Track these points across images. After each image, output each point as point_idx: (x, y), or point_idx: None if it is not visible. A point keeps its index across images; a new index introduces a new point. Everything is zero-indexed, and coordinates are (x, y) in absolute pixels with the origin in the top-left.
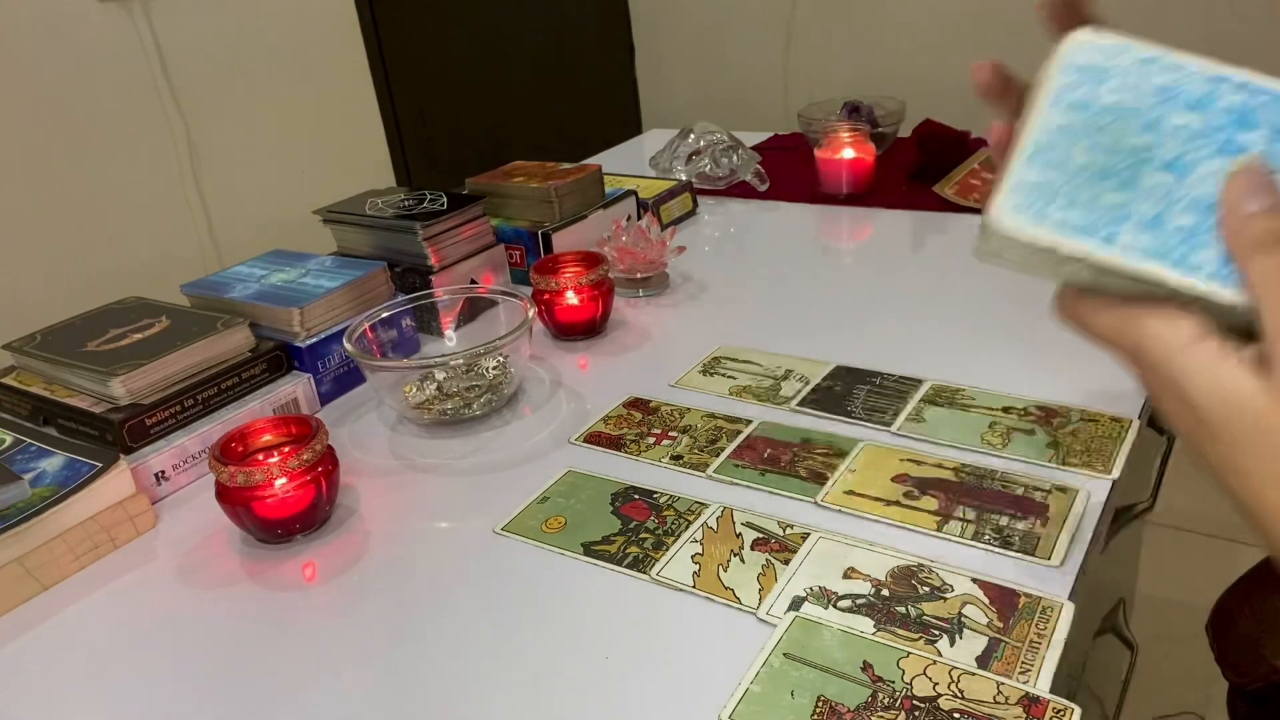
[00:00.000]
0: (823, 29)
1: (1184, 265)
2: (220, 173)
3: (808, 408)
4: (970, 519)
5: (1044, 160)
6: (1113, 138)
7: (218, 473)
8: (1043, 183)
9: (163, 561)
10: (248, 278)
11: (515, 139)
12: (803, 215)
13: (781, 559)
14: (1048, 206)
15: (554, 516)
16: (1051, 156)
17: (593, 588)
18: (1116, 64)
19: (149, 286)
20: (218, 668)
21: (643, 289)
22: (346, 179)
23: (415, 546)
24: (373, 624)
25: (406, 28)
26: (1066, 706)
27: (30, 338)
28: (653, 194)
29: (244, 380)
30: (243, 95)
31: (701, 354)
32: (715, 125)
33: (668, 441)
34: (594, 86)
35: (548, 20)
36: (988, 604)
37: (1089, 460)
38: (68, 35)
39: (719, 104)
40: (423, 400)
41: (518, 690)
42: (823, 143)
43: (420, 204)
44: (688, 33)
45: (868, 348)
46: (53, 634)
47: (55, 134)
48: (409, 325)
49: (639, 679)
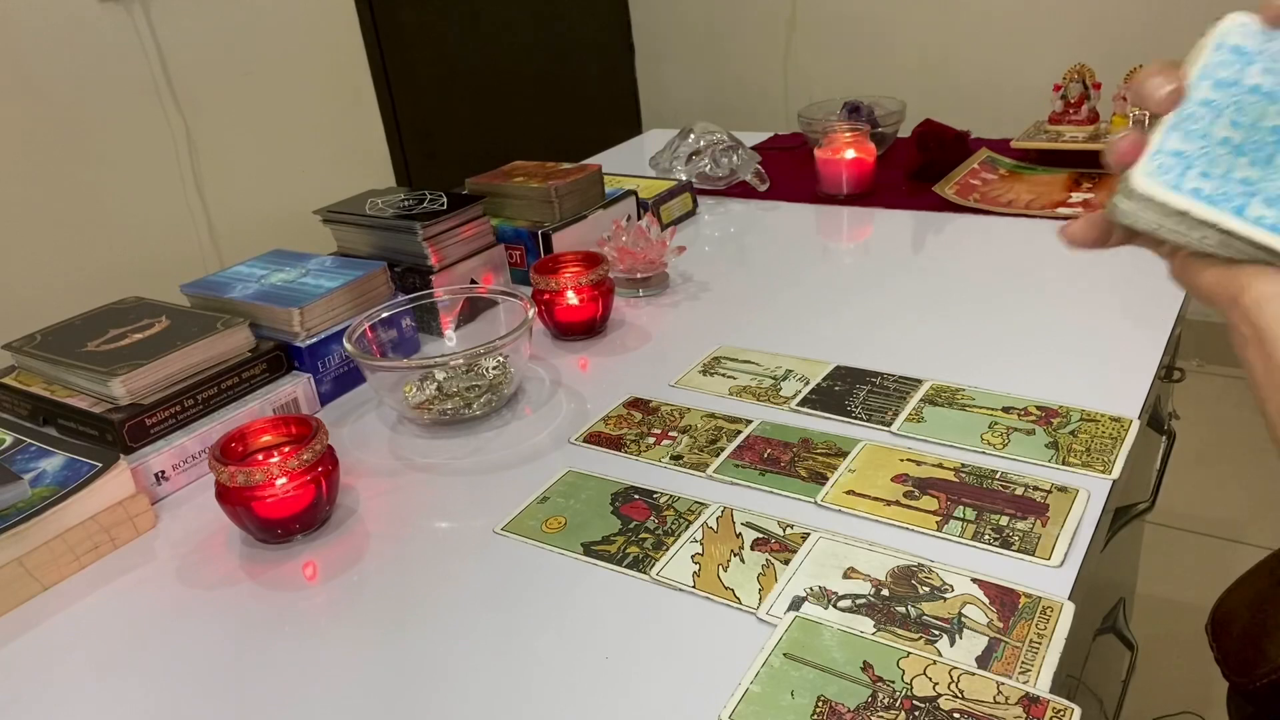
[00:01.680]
0: (823, 29)
1: None
2: (220, 173)
3: (808, 408)
4: (970, 519)
5: (1186, 130)
6: (1253, 117)
7: (218, 473)
8: (1183, 151)
9: (163, 561)
10: (248, 278)
11: (515, 139)
12: (803, 215)
13: (781, 559)
14: (1185, 174)
15: (554, 516)
16: (1194, 128)
17: (593, 588)
18: (1268, 48)
19: (149, 286)
20: (218, 668)
21: (643, 289)
22: (346, 179)
23: (415, 546)
24: (373, 624)
25: (406, 28)
26: (1066, 706)
27: (30, 338)
28: (653, 194)
29: (244, 380)
30: (243, 95)
31: (701, 354)
32: (715, 125)
33: (668, 441)
34: (594, 86)
35: (548, 20)
36: (988, 604)
37: (1089, 460)
38: (68, 35)
39: (719, 104)
40: (423, 400)
41: (518, 690)
42: (823, 143)
43: (420, 204)
44: (688, 33)
45: (868, 348)
46: (53, 634)
47: (55, 134)
48: (409, 325)
49: (639, 679)
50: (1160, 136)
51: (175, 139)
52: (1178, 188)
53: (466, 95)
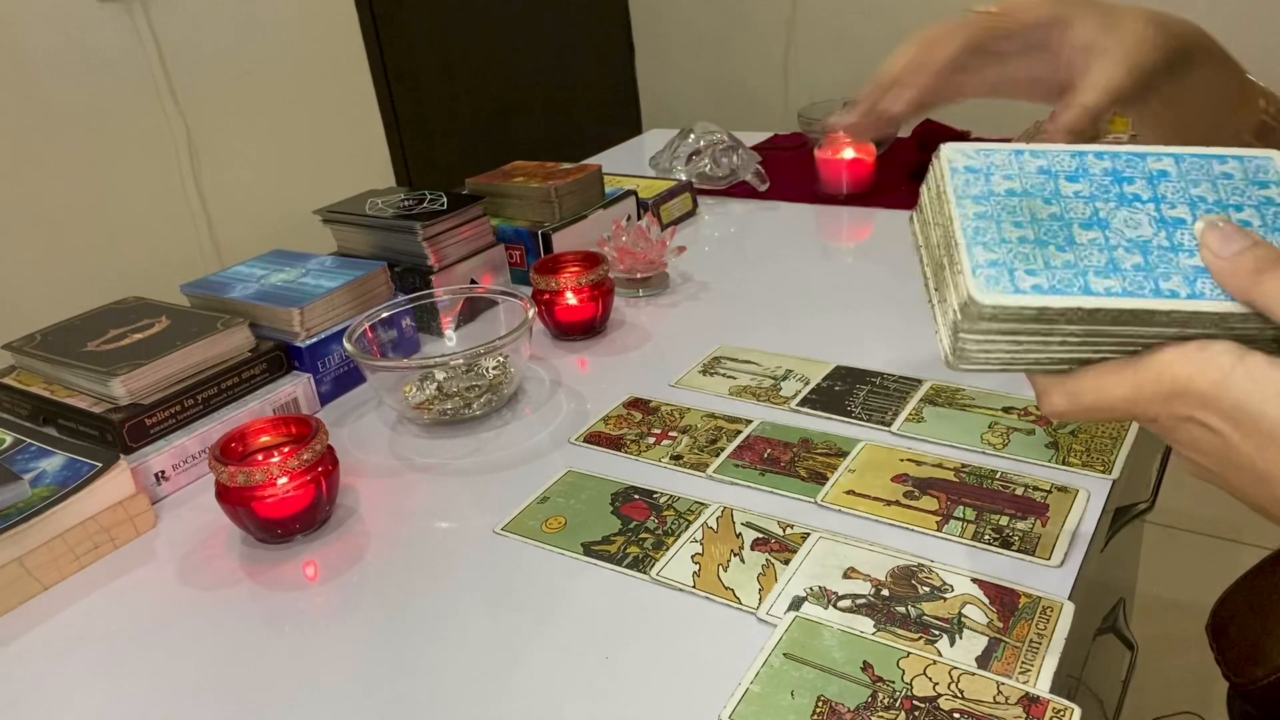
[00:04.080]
0: (823, 29)
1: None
2: (220, 173)
3: (808, 408)
4: (970, 519)
5: (983, 243)
6: (1028, 214)
7: (218, 473)
8: (996, 259)
9: (163, 561)
10: (248, 278)
11: (515, 139)
12: (803, 215)
13: (781, 559)
14: (1014, 274)
15: (554, 516)
16: (988, 239)
17: (593, 588)
18: (992, 161)
19: (149, 286)
20: (218, 668)
21: (643, 289)
22: (346, 179)
23: (415, 546)
24: (373, 624)
25: (406, 28)
26: (1066, 706)
27: (30, 338)
28: (653, 194)
29: (244, 380)
30: (243, 95)
31: (701, 354)
32: (715, 125)
33: (668, 441)
34: (594, 86)
35: (548, 20)
36: (988, 604)
37: (1089, 460)
38: (68, 35)
39: (719, 104)
40: (423, 400)
41: (518, 690)
42: (823, 143)
43: (420, 204)
44: (688, 33)
45: (868, 348)
46: (53, 634)
47: (55, 134)
48: (409, 325)
49: (639, 679)
50: (965, 256)
51: (175, 139)
52: (1019, 289)
53: (466, 95)
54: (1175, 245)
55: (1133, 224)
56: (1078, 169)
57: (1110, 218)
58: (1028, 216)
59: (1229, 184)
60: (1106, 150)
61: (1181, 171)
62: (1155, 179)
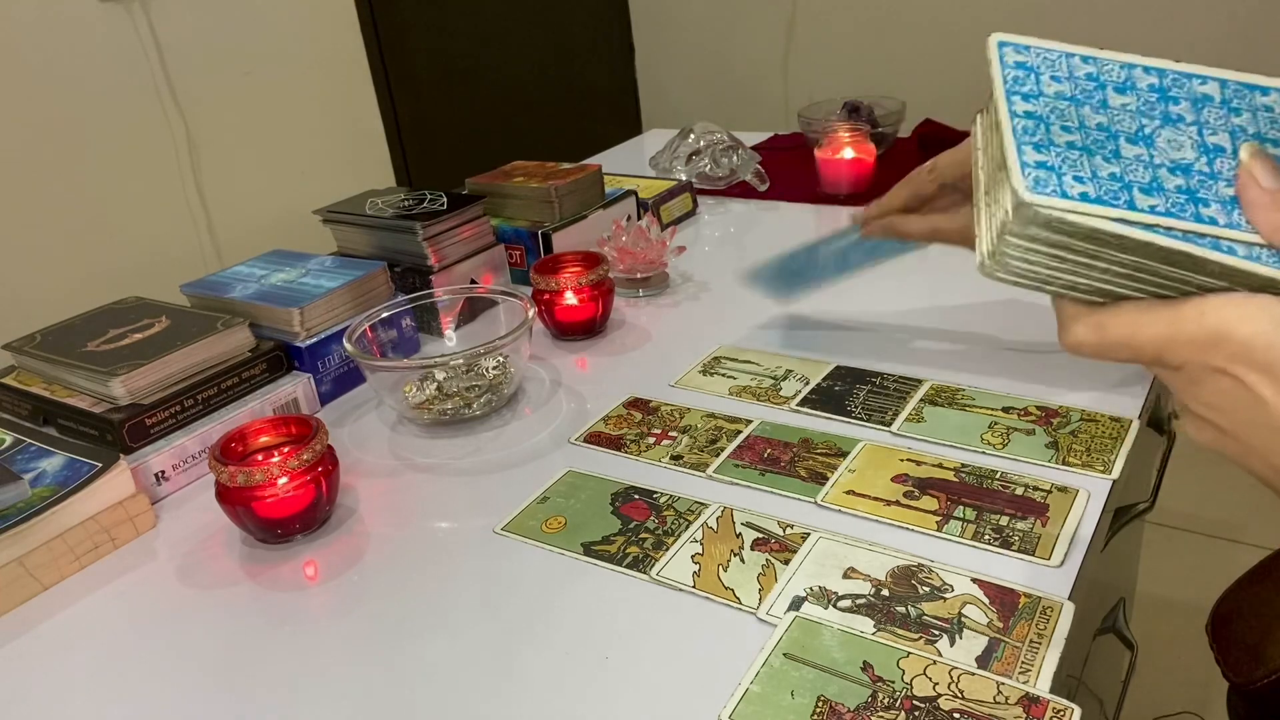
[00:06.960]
0: (823, 29)
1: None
2: (220, 173)
3: (808, 408)
4: (970, 519)
5: (1032, 143)
6: (1076, 119)
7: (218, 473)
8: (1045, 161)
9: (163, 561)
10: (248, 278)
11: (515, 139)
12: (803, 215)
13: (781, 559)
14: (1062, 179)
15: (554, 516)
16: (1037, 139)
17: (593, 588)
18: (1044, 59)
19: (149, 286)
20: (218, 668)
21: (643, 289)
22: (346, 179)
23: (415, 546)
24: (373, 624)
25: (406, 28)
26: (1066, 706)
27: (30, 338)
28: (653, 194)
29: (244, 380)
30: (243, 95)
31: (701, 354)
32: (715, 125)
33: (668, 441)
34: (594, 86)
35: (548, 20)
36: (988, 604)
37: (1089, 460)
38: (68, 35)
39: (719, 104)
40: (423, 400)
41: (518, 690)
42: (823, 143)
43: (420, 204)
44: (688, 33)
45: (868, 348)
46: (53, 634)
47: (55, 134)
48: (409, 325)
49: (639, 679)
50: (1013, 153)
51: (175, 139)
52: (1066, 195)
53: (466, 95)
54: (1214, 173)
55: (1176, 145)
56: (1126, 81)
57: (1155, 136)
58: (1076, 123)
59: (1269, 116)
60: (1154, 65)
61: (1225, 97)
62: (1200, 103)
